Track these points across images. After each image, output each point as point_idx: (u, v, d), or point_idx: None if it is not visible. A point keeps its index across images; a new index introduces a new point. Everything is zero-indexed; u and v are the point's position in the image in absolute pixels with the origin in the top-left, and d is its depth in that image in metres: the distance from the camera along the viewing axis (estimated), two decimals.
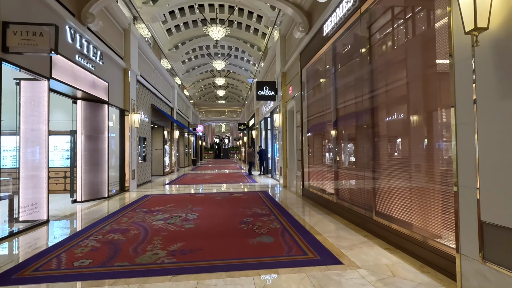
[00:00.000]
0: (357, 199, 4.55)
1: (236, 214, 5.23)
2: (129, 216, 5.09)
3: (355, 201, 4.61)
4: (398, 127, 3.63)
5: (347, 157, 5.10)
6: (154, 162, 13.74)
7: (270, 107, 12.45)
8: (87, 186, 6.70)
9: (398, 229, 3.40)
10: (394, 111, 3.71)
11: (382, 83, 3.94)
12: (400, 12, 3.70)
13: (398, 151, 3.63)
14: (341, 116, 5.30)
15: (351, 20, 4.53)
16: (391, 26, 3.79)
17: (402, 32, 3.63)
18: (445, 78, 2.69)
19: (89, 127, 6.78)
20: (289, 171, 8.99)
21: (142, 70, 10.26)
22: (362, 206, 4.33)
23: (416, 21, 3.37)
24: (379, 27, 4.00)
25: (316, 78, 6.69)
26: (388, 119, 3.81)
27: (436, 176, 2.93)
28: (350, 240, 3.68)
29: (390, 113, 3.78)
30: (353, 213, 4.56)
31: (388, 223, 3.62)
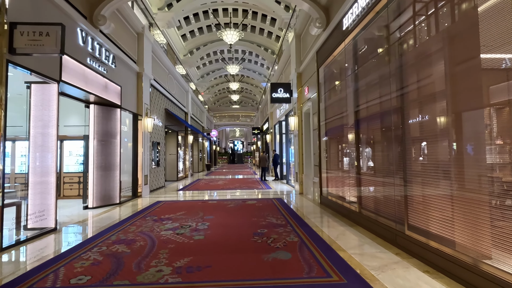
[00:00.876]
0: (385, 210, 4.04)
1: (250, 224, 4.85)
2: (138, 225, 4.84)
3: (382, 212, 4.11)
4: (436, 128, 3.13)
5: (371, 162, 4.61)
6: (168, 167, 13.67)
7: (284, 110, 12.06)
8: (99, 192, 6.57)
9: (439, 248, 2.88)
10: (430, 110, 3.22)
11: (414, 78, 3.46)
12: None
13: (436, 155, 3.13)
14: (363, 117, 4.83)
15: (376, 9, 4.09)
16: (425, 13, 3.33)
17: (439, 19, 3.16)
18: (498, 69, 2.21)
19: (101, 131, 6.69)
20: (306, 177, 8.52)
21: (156, 74, 10.22)
22: (391, 218, 3.83)
23: (458, 3, 2.89)
24: (410, 15, 3.54)
25: (335, 77, 6.25)
26: (423, 118, 3.32)
27: (487, 184, 2.43)
28: (380, 259, 3.19)
29: (426, 112, 3.29)
30: (380, 225, 4.05)
31: (425, 239, 3.11)
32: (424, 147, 3.30)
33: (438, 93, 3.12)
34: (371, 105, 4.53)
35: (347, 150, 5.56)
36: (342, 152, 5.85)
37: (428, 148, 3.25)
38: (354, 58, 5.09)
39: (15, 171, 7.73)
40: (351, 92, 5.13)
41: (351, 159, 5.29)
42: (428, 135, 3.24)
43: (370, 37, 4.56)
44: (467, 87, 2.72)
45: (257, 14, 19.02)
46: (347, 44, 5.24)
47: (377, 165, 4.44)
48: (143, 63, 8.45)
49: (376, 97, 4.35)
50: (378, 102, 4.27)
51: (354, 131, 5.05)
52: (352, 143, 5.18)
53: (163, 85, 11.16)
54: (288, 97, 9.64)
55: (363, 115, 4.84)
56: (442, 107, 3.05)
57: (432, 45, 3.22)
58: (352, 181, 5.18)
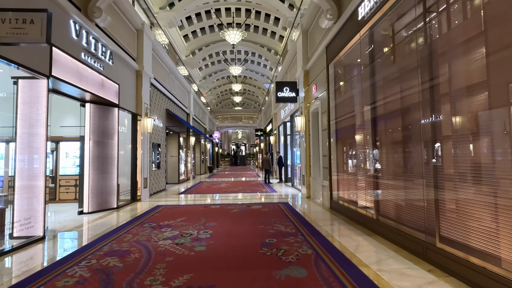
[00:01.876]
0: (409, 218, 3.59)
1: (256, 232, 4.42)
2: (134, 233, 4.42)
3: (406, 220, 3.65)
4: (478, 124, 2.69)
5: (390, 163, 4.16)
6: (169, 169, 13.28)
7: (290, 110, 11.63)
8: (95, 196, 6.18)
9: (484, 266, 2.43)
10: (469, 104, 2.78)
11: (447, 68, 3.03)
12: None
13: (476, 155, 2.68)
14: (382, 114, 4.39)
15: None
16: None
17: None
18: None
19: (97, 132, 6.30)
20: (313, 180, 8.06)
21: (157, 74, 9.86)
22: (418, 228, 3.37)
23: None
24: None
25: (347, 72, 5.82)
26: (461, 113, 2.88)
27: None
28: (411, 277, 2.74)
29: (464, 106, 2.85)
30: (403, 235, 3.60)
31: (464, 254, 2.66)
32: (461, 146, 2.85)
33: (478, 84, 2.68)
34: (392, 101, 4.09)
35: (361, 151, 5.12)
36: (356, 153, 5.41)
37: (466, 148, 2.81)
38: (371, 50, 4.66)
39: (9, 174, 7.39)
40: (367, 88, 4.70)
41: (366, 160, 4.84)
42: (467, 133, 2.80)
43: (392, 24, 4.13)
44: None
45: (260, 14, 18.69)
46: (363, 36, 4.81)
47: (398, 167, 3.99)
48: (143, 61, 8.09)
49: (397, 92, 3.91)
50: (401, 96, 3.83)
51: (371, 130, 4.61)
52: (368, 143, 4.73)
53: (164, 84, 10.79)
54: (294, 96, 9.21)
55: (381, 112, 4.40)
56: (484, 101, 2.61)
57: (472, 28, 2.78)
58: (367, 185, 4.73)
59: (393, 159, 4.14)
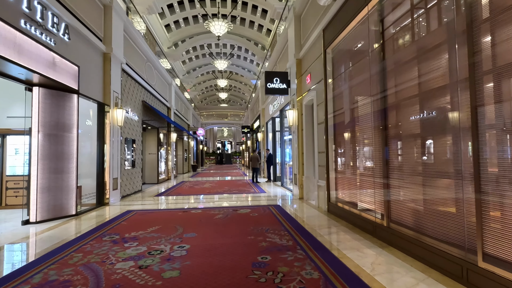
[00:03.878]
0: (437, 228, 2.85)
1: (245, 246, 3.54)
2: (87, 251, 3.41)
3: (431, 230, 2.92)
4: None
5: (409, 160, 3.42)
6: (147, 168, 12.10)
7: (279, 104, 10.83)
8: (46, 201, 5.04)
9: None
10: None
11: (487, 38, 2.29)
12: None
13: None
14: (395, 103, 3.64)
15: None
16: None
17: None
18: None
19: (49, 123, 5.16)
20: (307, 179, 7.30)
21: (131, 60, 8.71)
22: (449, 241, 2.65)
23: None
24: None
25: (350, 57, 5.05)
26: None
27: None
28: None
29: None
30: (430, 250, 2.86)
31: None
32: None
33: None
34: (411, 86, 3.34)
35: (368, 146, 4.37)
36: (361, 149, 4.66)
37: None
38: (381, 27, 3.90)
39: (6, 173, 6.25)
40: (377, 73, 3.94)
41: (374, 156, 4.09)
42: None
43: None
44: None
45: (247, 5, 17.78)
46: (372, 10, 4.04)
47: (419, 164, 3.26)
48: (111, 42, 6.95)
49: (417, 76, 3.17)
50: (423, 80, 3.08)
51: (381, 122, 3.86)
52: (377, 137, 3.98)
53: (140, 73, 9.63)
54: (285, 88, 8.40)
55: (395, 101, 3.65)
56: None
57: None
58: (376, 186, 3.98)
59: (412, 155, 3.40)
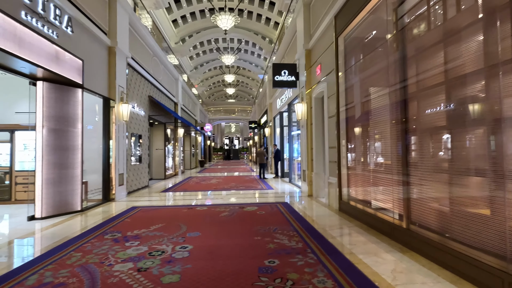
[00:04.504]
0: (468, 232, 2.56)
1: (251, 248, 3.34)
2: (86, 250, 3.29)
3: (461, 235, 2.63)
4: None
5: (433, 155, 3.12)
6: (154, 163, 12.06)
7: (287, 98, 10.53)
8: (51, 197, 4.98)
9: None
10: None
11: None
12: None
13: None
14: (415, 93, 3.33)
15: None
16: None
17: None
18: None
19: (54, 118, 5.07)
20: (316, 175, 7.03)
21: (137, 54, 8.57)
22: (488, 249, 2.36)
23: None
24: None
25: (364, 45, 4.72)
26: None
27: None
28: None
29: None
30: (461, 258, 2.58)
31: None
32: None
33: None
34: (436, 74, 3.02)
35: (385, 140, 4.07)
36: (376, 144, 4.36)
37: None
38: (401, 9, 3.56)
39: (16, 168, 6.24)
40: (397, 60, 3.61)
41: (392, 152, 3.79)
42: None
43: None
44: None
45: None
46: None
47: (443, 160, 2.95)
48: (116, 35, 6.80)
49: (443, 62, 2.85)
50: (454, 65, 2.76)
51: (400, 114, 3.55)
52: (395, 130, 3.68)
53: (147, 68, 9.51)
54: (293, 81, 8.10)
55: (416, 90, 3.33)
56: None
57: None
58: (394, 184, 3.69)
59: (437, 150, 3.10)
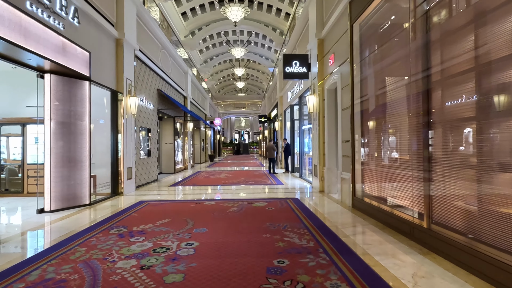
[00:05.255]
0: (501, 235, 2.30)
1: (260, 246, 3.18)
2: (91, 245, 3.21)
3: (492, 238, 2.36)
4: None
5: (461, 149, 2.83)
6: (164, 158, 12.09)
7: (298, 91, 10.22)
8: (59, 190, 4.98)
9: None
10: None
11: None
12: None
13: None
14: (440, 82, 3.02)
15: None
16: None
17: None
18: None
19: (61, 110, 5.03)
20: (328, 171, 6.77)
21: (145, 47, 8.47)
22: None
23: None
24: None
25: (382, 31, 4.39)
26: None
27: None
28: None
29: None
30: (489, 262, 2.32)
31: None
32: None
33: None
34: (465, 60, 2.71)
35: (404, 134, 3.78)
36: (394, 137, 4.07)
37: None
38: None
39: (27, 162, 6.31)
40: (420, 47, 3.30)
41: (412, 146, 3.51)
42: None
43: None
44: None
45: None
46: None
47: (470, 155, 2.66)
48: (124, 27, 6.70)
49: (470, 47, 2.53)
50: (472, 56, 2.45)
51: (422, 105, 3.25)
52: (416, 123, 3.39)
53: (155, 61, 9.41)
54: (305, 72, 7.79)
55: (441, 79, 3.02)
56: None
57: None
58: (413, 180, 3.42)
59: (463, 143, 2.80)
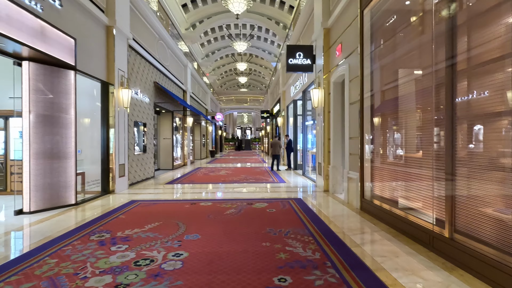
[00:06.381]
0: None
1: (258, 259, 2.74)
2: (64, 255, 2.80)
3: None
4: None
5: (490, 146, 2.36)
6: (162, 153, 11.68)
7: (301, 85, 9.71)
8: (41, 189, 4.58)
9: None
10: None
11: None
12: None
13: None
14: (467, 72, 2.54)
15: None
16: None
17: None
18: None
19: (42, 102, 4.61)
20: (334, 169, 6.31)
21: (141, 37, 8.00)
22: None
23: None
24: None
25: (398, 17, 3.88)
26: None
27: None
28: None
29: None
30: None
31: None
32: None
33: None
34: (499, 45, 2.22)
35: (421, 130, 3.30)
36: (409, 134, 3.60)
37: None
38: None
39: (10, 157, 5.92)
40: (444, 32, 2.80)
41: (431, 144, 3.03)
42: None
43: None
44: None
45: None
46: None
47: (504, 154, 2.19)
48: (115, 14, 6.22)
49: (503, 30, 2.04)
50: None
51: (445, 97, 2.77)
52: (436, 118, 2.91)
53: (152, 52, 8.94)
54: (309, 65, 7.29)
55: (468, 67, 2.53)
56: None
57: None
58: (432, 182, 2.95)
59: (496, 142, 2.33)
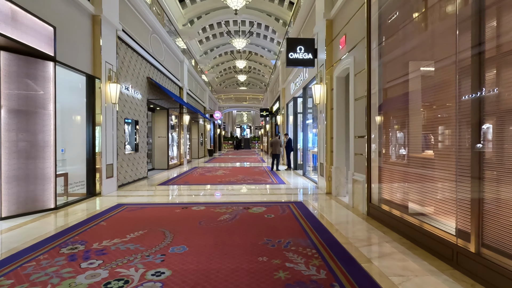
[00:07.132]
0: None
1: (253, 280, 2.32)
2: (21, 276, 2.37)
3: None
4: None
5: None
6: (157, 152, 11.25)
7: (302, 81, 9.28)
8: (14, 192, 4.14)
9: None
10: None
11: None
12: None
13: None
14: (493, 60, 2.11)
15: None
16: None
17: None
18: None
19: (16, 96, 4.17)
20: (337, 170, 5.89)
21: (132, 29, 7.55)
22: None
23: None
24: None
25: (410, 3, 3.45)
26: None
27: None
28: None
29: None
30: None
31: None
32: None
33: None
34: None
35: (439, 128, 2.88)
36: (425, 132, 3.18)
37: None
38: None
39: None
40: (469, 17, 2.38)
41: (450, 143, 2.61)
42: None
43: None
44: None
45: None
46: None
47: None
48: (102, 2, 5.77)
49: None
50: None
51: (471, 90, 2.35)
52: (460, 114, 2.49)
53: (145, 46, 8.49)
54: (310, 59, 6.85)
55: (497, 55, 2.11)
56: None
57: None
58: (453, 187, 2.53)
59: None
